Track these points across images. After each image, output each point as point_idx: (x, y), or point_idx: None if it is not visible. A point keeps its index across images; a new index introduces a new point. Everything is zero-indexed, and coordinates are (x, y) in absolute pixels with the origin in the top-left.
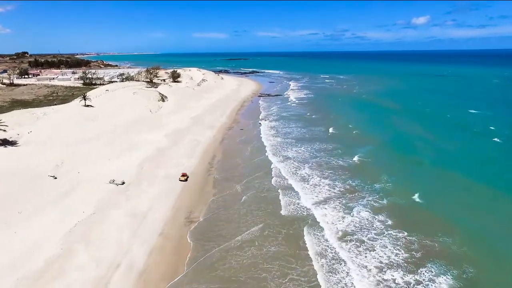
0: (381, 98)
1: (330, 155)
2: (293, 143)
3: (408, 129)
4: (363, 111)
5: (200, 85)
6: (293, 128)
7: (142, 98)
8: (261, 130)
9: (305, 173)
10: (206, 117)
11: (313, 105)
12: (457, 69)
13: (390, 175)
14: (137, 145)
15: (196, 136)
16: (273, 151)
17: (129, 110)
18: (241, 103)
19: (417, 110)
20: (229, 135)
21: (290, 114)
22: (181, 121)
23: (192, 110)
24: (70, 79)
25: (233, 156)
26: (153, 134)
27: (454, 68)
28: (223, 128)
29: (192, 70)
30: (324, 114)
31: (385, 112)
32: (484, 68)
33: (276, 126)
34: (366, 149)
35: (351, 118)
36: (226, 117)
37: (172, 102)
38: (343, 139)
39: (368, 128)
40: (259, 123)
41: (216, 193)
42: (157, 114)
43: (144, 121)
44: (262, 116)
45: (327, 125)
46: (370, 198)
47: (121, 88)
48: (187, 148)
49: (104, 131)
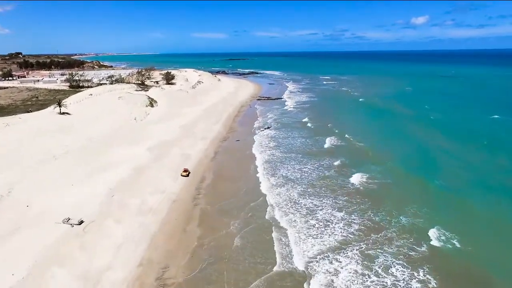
0: (387, 102)
1: (337, 175)
2: (294, 159)
3: (423, 140)
4: (369, 118)
5: (195, 87)
6: (295, 139)
7: (128, 104)
8: (260, 142)
9: (311, 203)
10: (198, 125)
11: (315, 111)
12: (460, 69)
13: (416, 205)
14: (111, 163)
15: (184, 150)
16: (271, 171)
17: (111, 118)
18: (238, 108)
19: (428, 116)
20: (223, 148)
21: (292, 121)
22: (168, 131)
23: (184, 117)
24: (56, 82)
25: (226, 177)
26: (134, 147)
27: (457, 68)
28: (216, 140)
29: (188, 71)
30: (326, 121)
31: (392, 119)
32: (487, 68)
33: (276, 137)
34: (379, 168)
35: (356, 127)
36: (221, 125)
37: (162, 107)
38: (348, 154)
39: (375, 139)
40: (257, 132)
41: (202, 235)
42: (142, 122)
43: (126, 132)
44: (262, 123)
45: (330, 136)
46: (399, 241)
47: (107, 91)
48: (171, 166)
49: (75, 146)
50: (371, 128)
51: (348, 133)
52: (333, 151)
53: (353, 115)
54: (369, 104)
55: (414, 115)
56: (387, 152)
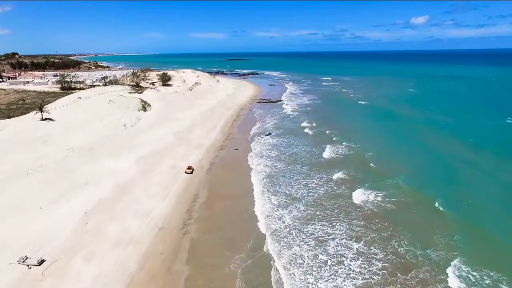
0: (392, 104)
1: (349, 192)
2: (299, 172)
3: (437, 149)
4: (375, 124)
5: (192, 89)
6: (298, 147)
7: (118, 108)
8: (260, 151)
9: (320, 231)
10: (194, 131)
11: (317, 115)
12: (464, 70)
13: (443, 232)
14: (92, 179)
15: (176, 161)
16: (273, 187)
17: (98, 124)
18: (237, 112)
19: (439, 120)
20: (220, 159)
21: (294, 127)
22: (161, 139)
23: (178, 122)
24: (47, 83)
25: (222, 195)
26: (120, 159)
27: (461, 69)
28: (213, 148)
29: (186, 72)
30: (330, 127)
31: (401, 124)
32: (492, 69)
33: (277, 145)
34: (394, 184)
35: (363, 134)
36: (218, 131)
37: (155, 111)
38: (359, 167)
39: (385, 148)
40: (257, 139)
41: (191, 276)
42: (133, 129)
43: (113, 140)
44: (262, 129)
45: (335, 144)
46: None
47: (98, 94)
48: (160, 182)
49: (53, 158)
50: (378, 135)
51: (355, 141)
52: (342, 163)
53: (359, 120)
54: (373, 107)
55: (423, 120)
56: (400, 164)
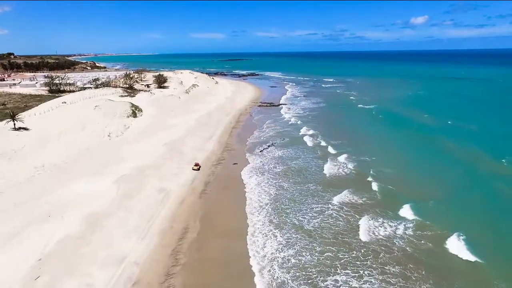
0: (404, 109)
1: (378, 225)
2: (311, 194)
3: (468, 164)
4: (387, 133)
5: (189, 92)
6: (307, 161)
7: (104, 114)
8: (262, 165)
9: (347, 285)
10: (188, 141)
11: (324, 121)
12: (469, 70)
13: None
14: (57, 208)
15: (165, 182)
16: (280, 217)
17: (78, 135)
18: (236, 117)
19: (460, 127)
20: (216, 176)
21: (299, 135)
22: (149, 152)
23: (171, 130)
24: (35, 85)
25: (217, 230)
26: (98, 179)
27: (466, 69)
28: (209, 163)
29: (184, 73)
30: (340, 137)
31: (416, 133)
32: (499, 69)
33: (283, 158)
34: (431, 216)
35: (377, 145)
36: (215, 142)
37: (146, 117)
38: (381, 189)
39: (405, 164)
40: (259, 151)
41: None
42: (118, 139)
43: (94, 154)
44: (264, 138)
45: (350, 157)
46: None
47: (85, 98)
48: (143, 211)
49: (16, 180)
50: (394, 147)
51: (370, 153)
52: (362, 183)
53: (368, 128)
54: (382, 112)
55: (440, 127)
56: (432, 186)
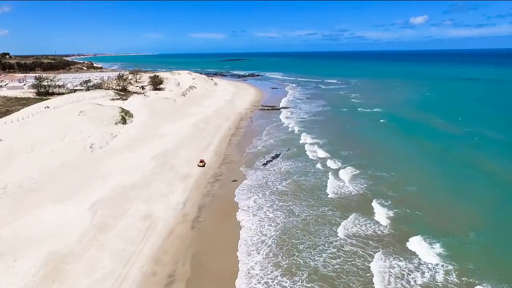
0: (416, 115)
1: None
2: (327, 222)
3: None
4: (404, 143)
5: (186, 94)
6: (318, 177)
7: (89, 121)
8: (265, 182)
9: None
10: (181, 152)
11: (332, 128)
12: (477, 70)
13: None
14: (9, 249)
15: (150, 205)
16: (290, 259)
17: (56, 146)
18: (236, 123)
19: (485, 136)
20: (213, 198)
21: (306, 144)
22: (135, 166)
23: (163, 138)
24: (23, 87)
25: (212, 276)
26: (68, 205)
27: (473, 69)
28: (204, 179)
29: (182, 73)
30: (348, 146)
31: (437, 145)
32: (504, 69)
33: (289, 173)
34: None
35: (393, 159)
36: (212, 152)
37: (137, 124)
38: (411, 218)
39: (432, 186)
40: (262, 164)
41: None
42: (102, 151)
43: (70, 171)
44: (267, 148)
45: (366, 174)
46: None
47: (72, 102)
48: (118, 249)
49: None
50: (410, 160)
51: (386, 168)
52: (376, 207)
53: (380, 135)
54: (392, 118)
55: (461, 135)
56: (463, 214)
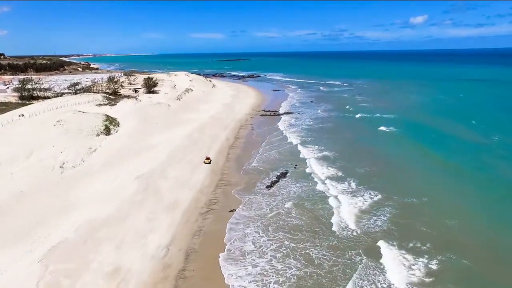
0: (436, 121)
1: None
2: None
3: None
4: (430, 157)
5: (182, 98)
6: (335, 204)
7: (66, 133)
8: (271, 214)
9: None
10: (169, 172)
11: (340, 139)
12: (486, 71)
13: None
14: None
15: (122, 252)
16: None
17: (18, 167)
18: (235, 132)
19: None
20: (203, 237)
21: (314, 157)
22: (112, 192)
23: (151, 153)
24: (6, 91)
25: None
26: (15, 253)
27: (480, 69)
28: (195, 209)
29: (179, 75)
30: (363, 162)
31: (468, 160)
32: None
33: (300, 198)
34: None
35: (419, 179)
36: (207, 170)
37: (123, 134)
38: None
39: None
40: (265, 186)
41: None
42: (74, 172)
43: (26, 203)
44: (271, 163)
45: (390, 215)
46: None
47: (52, 109)
48: None
49: None
50: (440, 179)
51: (418, 196)
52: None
53: (397, 147)
54: (407, 124)
55: (496, 148)
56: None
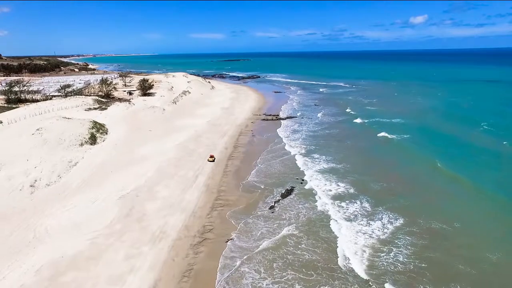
0: (450, 129)
1: None
2: None
3: None
4: (459, 176)
5: (178, 101)
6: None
7: (43, 144)
8: (274, 251)
9: None
10: (158, 191)
11: (350, 148)
12: (492, 71)
13: None
14: None
15: None
16: None
17: None
18: (234, 139)
19: None
20: (194, 279)
21: (321, 170)
22: (87, 219)
23: (139, 166)
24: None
25: None
26: None
27: (488, 70)
28: (185, 241)
29: (177, 76)
30: (380, 177)
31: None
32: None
33: (308, 224)
34: None
35: (450, 204)
36: (201, 188)
37: (110, 144)
38: None
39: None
40: (268, 209)
41: None
42: (46, 192)
43: None
44: (272, 177)
45: (416, 247)
46: None
47: (35, 115)
48: None
49: None
50: (474, 204)
51: (448, 220)
52: None
53: (418, 160)
54: (426, 131)
55: None
56: None
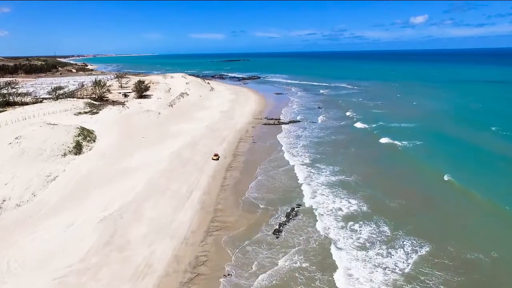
0: (478, 136)
1: None
2: None
3: None
4: (489, 193)
5: (175, 104)
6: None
7: (20, 155)
8: (284, 283)
9: None
10: (145, 210)
11: (359, 157)
12: (495, 72)
13: None
14: None
15: None
16: None
17: None
18: (233, 147)
19: None
20: None
21: (329, 184)
22: (60, 248)
23: (126, 180)
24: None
25: None
26: None
27: (491, 70)
28: (175, 277)
29: (175, 77)
30: (396, 193)
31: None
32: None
33: (320, 254)
34: None
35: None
36: (195, 206)
37: (97, 153)
38: None
39: None
40: (271, 233)
41: None
42: (16, 214)
43: None
44: (273, 194)
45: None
46: None
47: (18, 120)
48: None
49: None
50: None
51: (483, 251)
52: None
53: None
54: (444, 139)
55: None
56: None
